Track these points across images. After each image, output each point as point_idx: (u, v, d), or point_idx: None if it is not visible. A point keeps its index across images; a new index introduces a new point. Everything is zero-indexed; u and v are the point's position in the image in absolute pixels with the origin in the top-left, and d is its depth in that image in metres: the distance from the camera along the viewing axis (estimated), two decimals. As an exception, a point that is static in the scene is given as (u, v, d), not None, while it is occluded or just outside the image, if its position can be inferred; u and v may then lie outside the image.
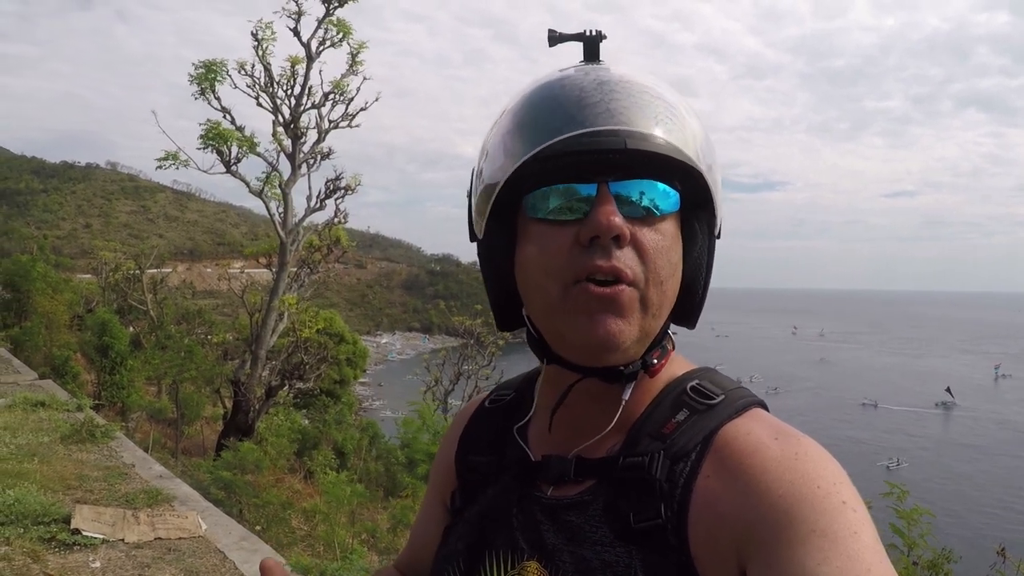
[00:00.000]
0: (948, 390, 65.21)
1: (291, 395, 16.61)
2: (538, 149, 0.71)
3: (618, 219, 0.69)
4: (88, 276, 37.45)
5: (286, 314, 13.06)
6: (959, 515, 30.83)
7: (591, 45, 0.80)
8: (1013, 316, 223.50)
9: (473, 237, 0.82)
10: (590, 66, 0.78)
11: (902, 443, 49.52)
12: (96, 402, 11.88)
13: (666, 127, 0.71)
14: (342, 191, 13.50)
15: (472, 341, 21.95)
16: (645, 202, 0.71)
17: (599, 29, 0.79)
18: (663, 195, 0.72)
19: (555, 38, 0.81)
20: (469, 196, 0.81)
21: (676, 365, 0.82)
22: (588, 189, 0.71)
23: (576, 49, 0.81)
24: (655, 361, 0.77)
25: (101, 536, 4.50)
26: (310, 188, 13.51)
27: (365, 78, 13.39)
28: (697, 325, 0.81)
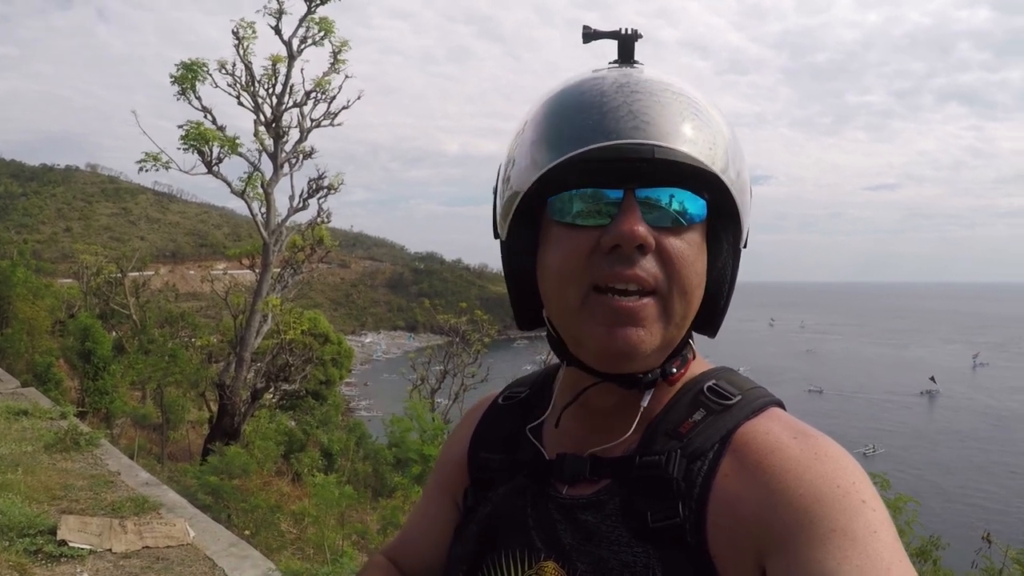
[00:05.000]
0: (932, 379, 66.02)
1: (276, 397, 16.52)
2: (562, 159, 0.70)
3: (642, 228, 0.68)
4: (69, 281, 37.06)
5: (270, 315, 12.95)
6: (936, 495, 31.43)
7: (625, 44, 0.78)
8: (995, 306, 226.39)
9: (497, 236, 0.81)
10: (616, 67, 0.77)
11: (888, 428, 50.31)
12: (80, 409, 11.72)
13: (693, 131, 0.70)
14: (325, 190, 13.41)
15: (457, 339, 21.96)
16: (672, 210, 0.70)
17: (635, 28, 0.78)
18: (691, 203, 0.71)
19: (589, 35, 0.80)
20: (495, 194, 0.81)
21: (694, 365, 0.82)
22: (614, 194, 0.70)
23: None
24: (674, 370, 0.77)
25: (88, 547, 4.43)
26: (292, 188, 13.36)
27: (347, 76, 13.34)
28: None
